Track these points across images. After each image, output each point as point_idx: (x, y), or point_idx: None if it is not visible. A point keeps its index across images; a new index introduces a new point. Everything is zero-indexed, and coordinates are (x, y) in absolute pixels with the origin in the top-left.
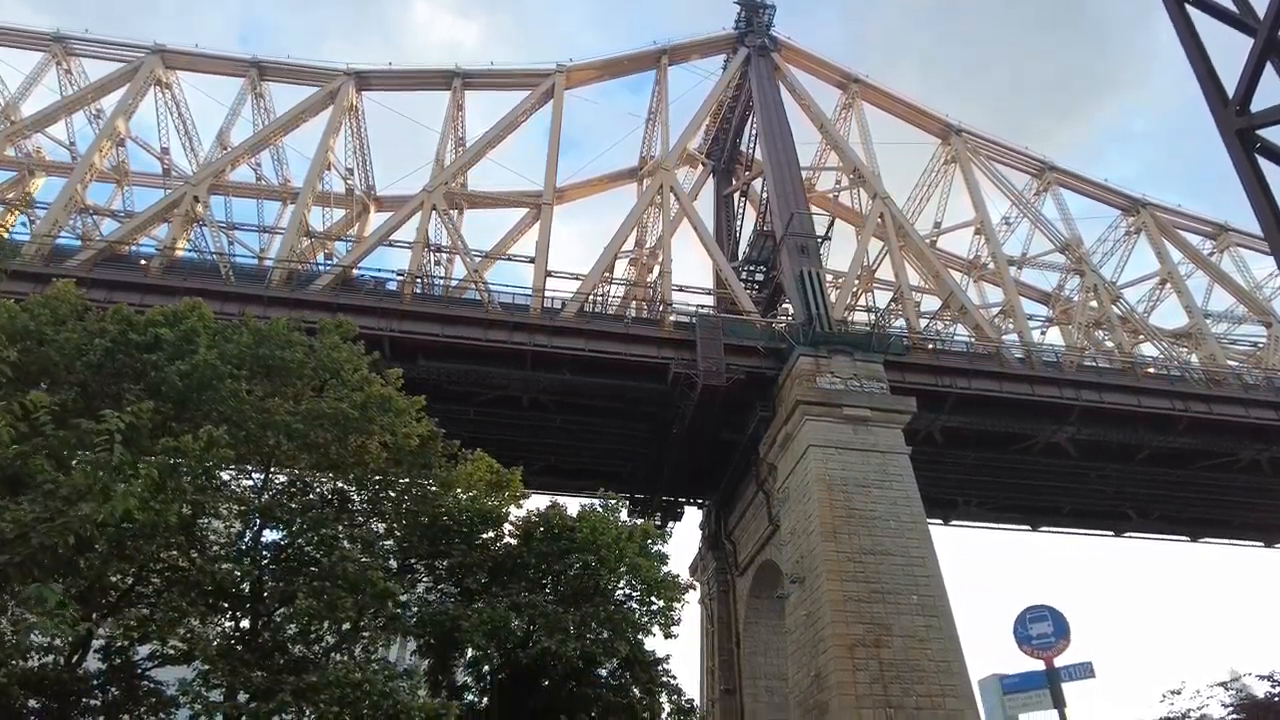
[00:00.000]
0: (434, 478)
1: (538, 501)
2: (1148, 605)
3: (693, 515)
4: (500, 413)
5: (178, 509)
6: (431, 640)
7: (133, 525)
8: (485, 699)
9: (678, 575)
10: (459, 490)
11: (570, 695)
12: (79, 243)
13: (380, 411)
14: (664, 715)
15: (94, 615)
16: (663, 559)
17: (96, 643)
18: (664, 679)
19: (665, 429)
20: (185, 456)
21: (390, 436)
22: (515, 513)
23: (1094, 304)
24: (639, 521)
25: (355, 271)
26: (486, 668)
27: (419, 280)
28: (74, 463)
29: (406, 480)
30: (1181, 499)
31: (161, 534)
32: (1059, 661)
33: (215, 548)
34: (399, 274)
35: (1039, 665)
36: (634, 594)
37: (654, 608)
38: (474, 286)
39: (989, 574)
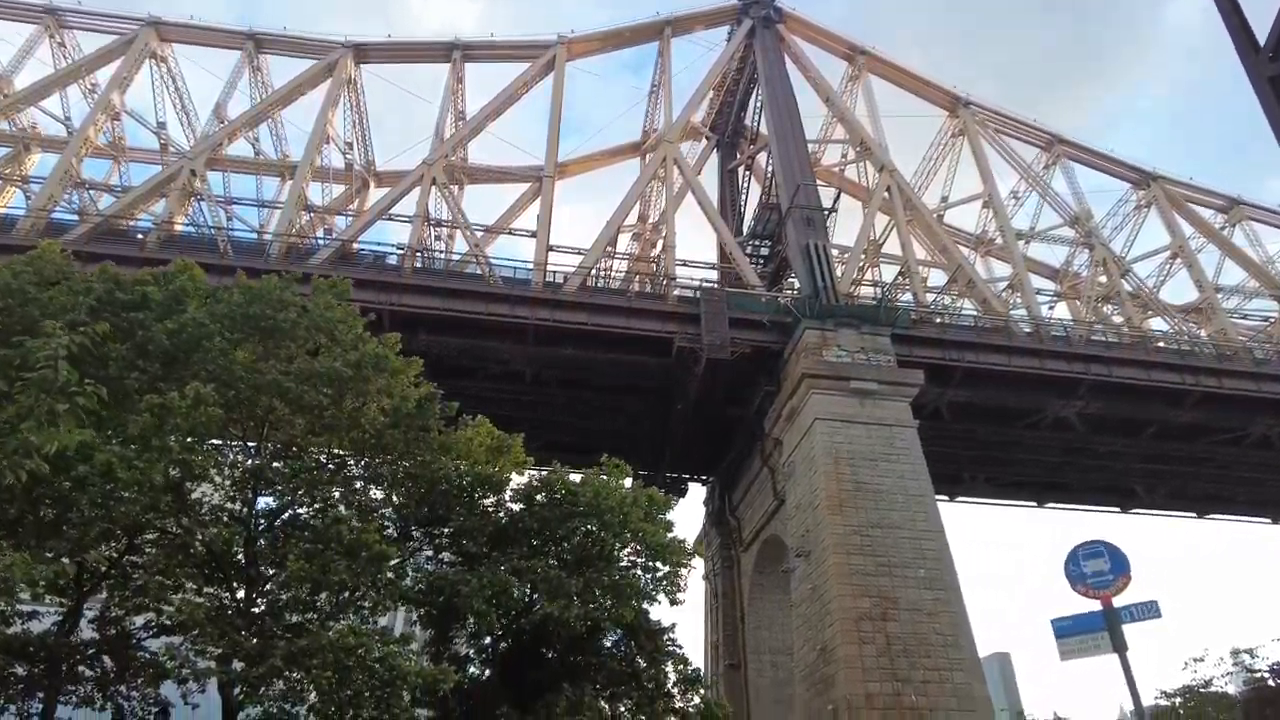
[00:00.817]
0: (432, 442)
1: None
2: (1152, 581)
3: (696, 493)
4: (502, 388)
5: (164, 468)
6: (432, 610)
7: (115, 484)
8: (487, 671)
9: (684, 540)
10: (458, 455)
11: (574, 665)
12: (76, 218)
13: (376, 372)
14: (669, 684)
15: (84, 585)
16: (668, 526)
17: (90, 613)
18: (669, 648)
19: (669, 405)
20: (171, 414)
21: (387, 399)
22: (516, 480)
23: (1103, 279)
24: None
25: (355, 246)
26: (488, 639)
27: (420, 255)
28: (15, 384)
29: (403, 443)
30: (1189, 475)
31: (147, 494)
32: (1118, 601)
33: (206, 513)
34: (399, 248)
35: (1094, 605)
36: (639, 560)
37: (659, 574)
38: (475, 261)
39: (992, 554)
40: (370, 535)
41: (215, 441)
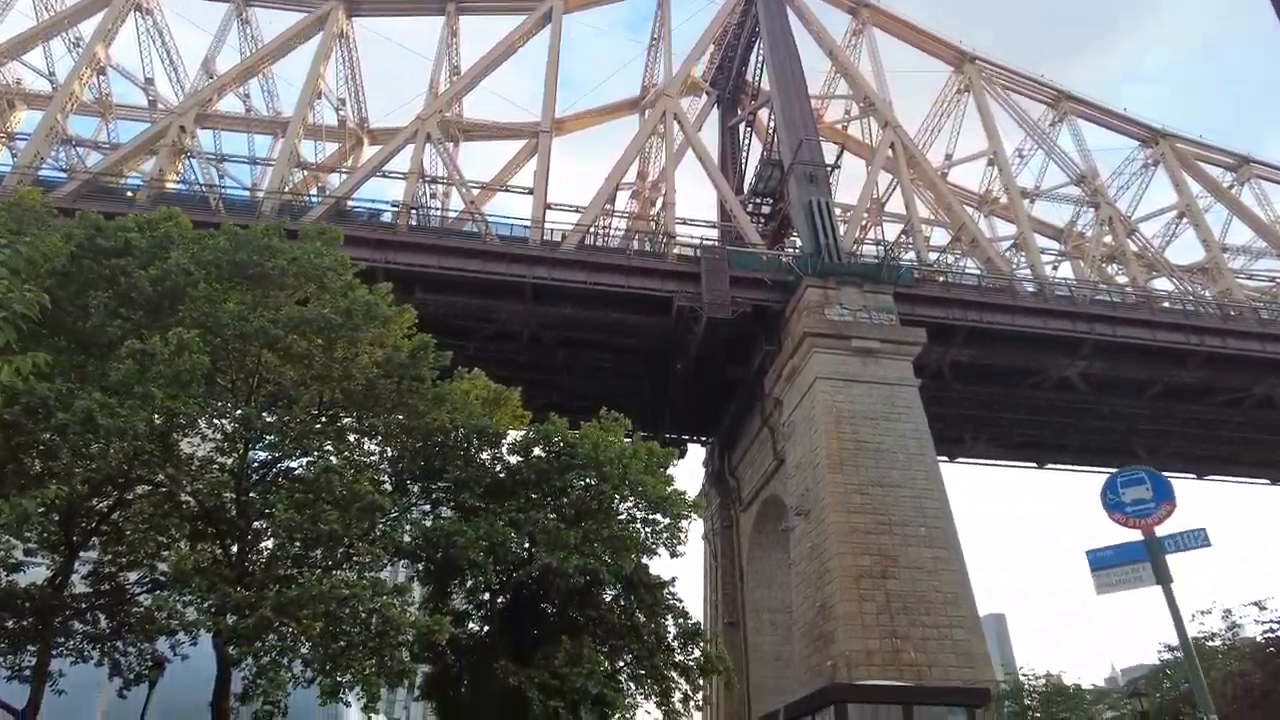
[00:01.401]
0: (426, 393)
1: None
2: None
3: (696, 454)
4: (500, 348)
5: (147, 416)
6: (430, 565)
7: (95, 433)
8: (485, 627)
9: (684, 492)
10: (453, 407)
11: (572, 620)
12: (64, 175)
13: (367, 320)
14: (670, 638)
15: (75, 538)
16: (668, 480)
17: (85, 568)
18: (670, 602)
19: (669, 365)
20: (154, 361)
21: (379, 350)
22: (513, 434)
23: (1108, 238)
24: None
25: (349, 203)
26: (486, 594)
27: (414, 212)
28: None
29: (396, 394)
30: (1191, 436)
31: (130, 442)
32: (1161, 530)
33: (196, 466)
34: (393, 205)
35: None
36: (639, 514)
37: (659, 527)
38: (471, 219)
39: (992, 514)
40: (363, 486)
41: (202, 391)
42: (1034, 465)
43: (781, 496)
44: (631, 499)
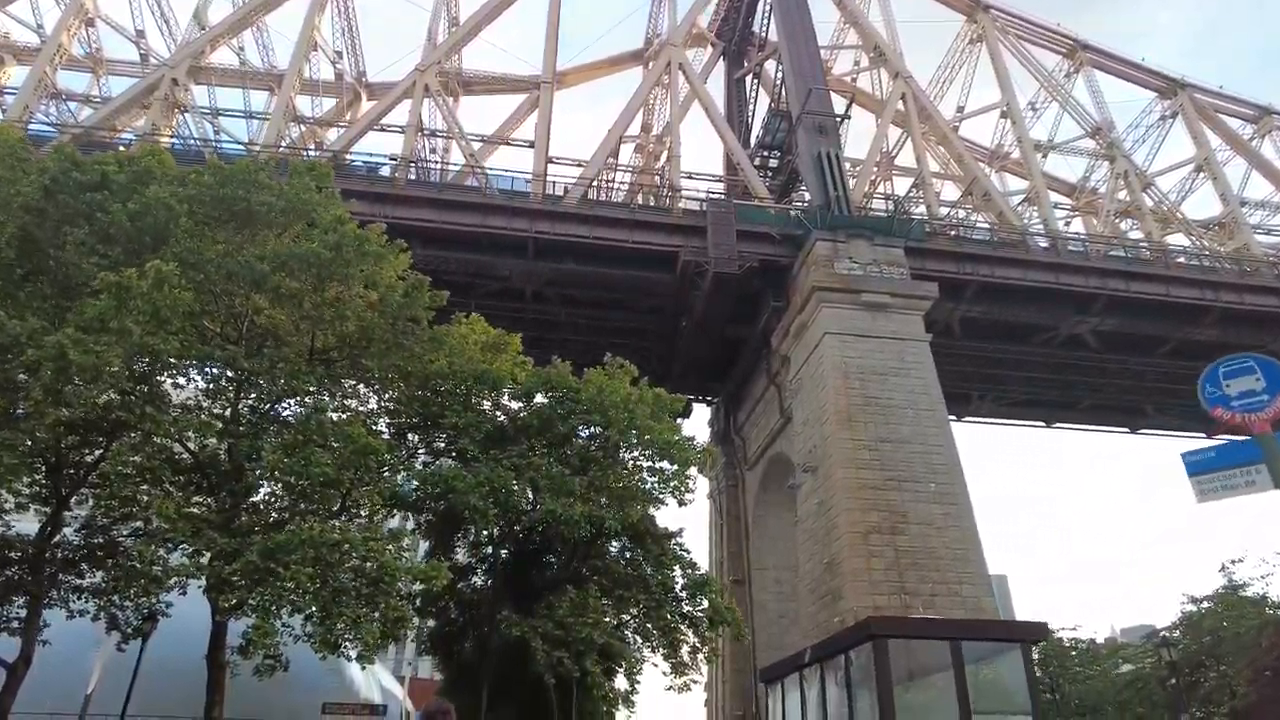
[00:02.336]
0: (423, 334)
1: None
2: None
3: (701, 414)
4: (502, 306)
5: (124, 354)
6: (431, 517)
7: (67, 370)
8: (489, 580)
9: (692, 438)
10: (452, 352)
11: (578, 571)
12: (54, 130)
13: (358, 256)
14: (678, 588)
15: (63, 489)
16: (675, 427)
17: (78, 521)
18: (677, 553)
19: (674, 322)
20: (130, 295)
21: (373, 291)
22: (515, 381)
23: (1123, 194)
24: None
25: (347, 158)
26: (489, 548)
27: (413, 166)
28: None
29: (391, 334)
30: None
31: (107, 378)
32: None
33: (179, 409)
34: (392, 159)
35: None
36: (645, 462)
37: (666, 475)
38: (472, 173)
39: (990, 478)
40: (356, 429)
41: (183, 328)
42: (1042, 424)
43: (788, 454)
44: (638, 447)
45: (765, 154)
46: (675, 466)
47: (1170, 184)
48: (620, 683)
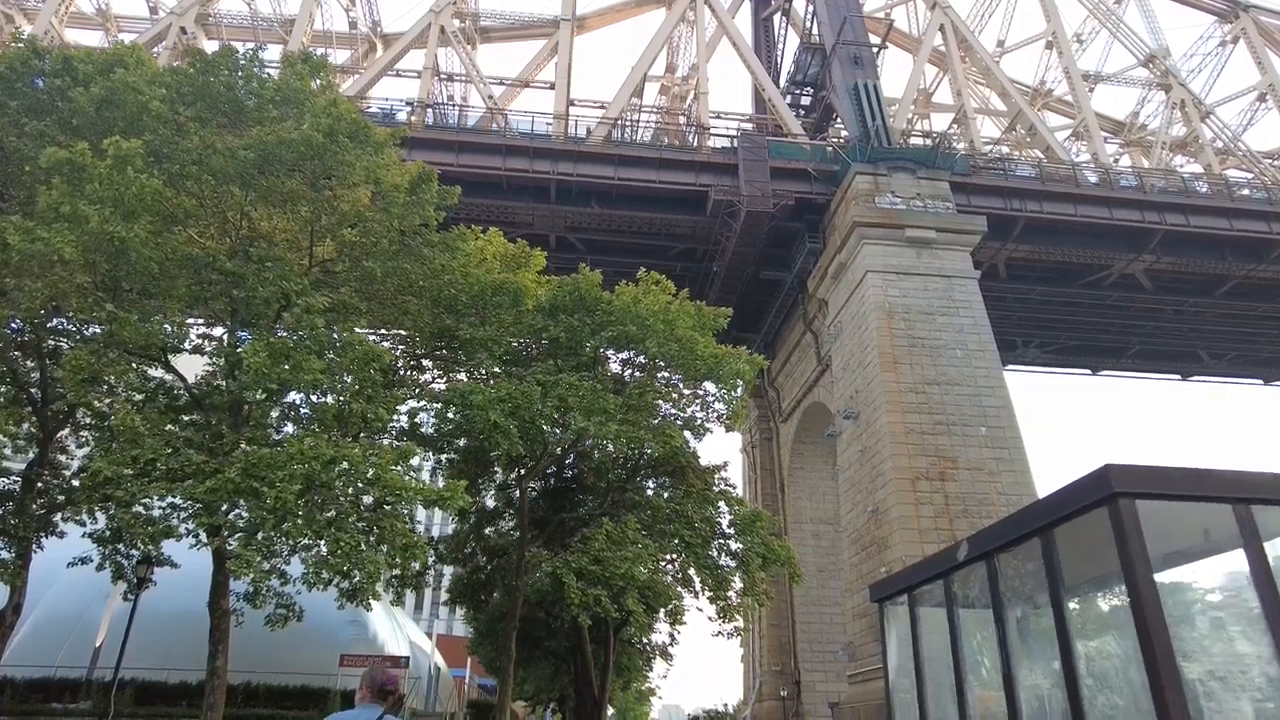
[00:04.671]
0: (433, 238)
1: None
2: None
3: None
4: None
5: (79, 241)
6: (454, 456)
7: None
8: (516, 524)
9: (742, 348)
10: (467, 258)
11: (614, 506)
12: None
13: (357, 145)
14: (725, 525)
15: (50, 425)
16: (715, 346)
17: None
18: (723, 488)
19: (704, 269)
20: (87, 178)
21: (375, 186)
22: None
23: (1178, 128)
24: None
25: (362, 104)
26: (514, 478)
27: (431, 111)
28: None
29: (398, 235)
30: (1262, 338)
31: (60, 266)
32: None
33: (143, 307)
34: (408, 103)
35: None
36: (685, 387)
37: (710, 399)
38: (491, 116)
39: (1041, 422)
40: (357, 335)
41: (153, 224)
42: (1087, 372)
43: (826, 403)
44: (678, 363)
45: (796, 92)
46: (722, 388)
47: (1231, 114)
48: (658, 635)
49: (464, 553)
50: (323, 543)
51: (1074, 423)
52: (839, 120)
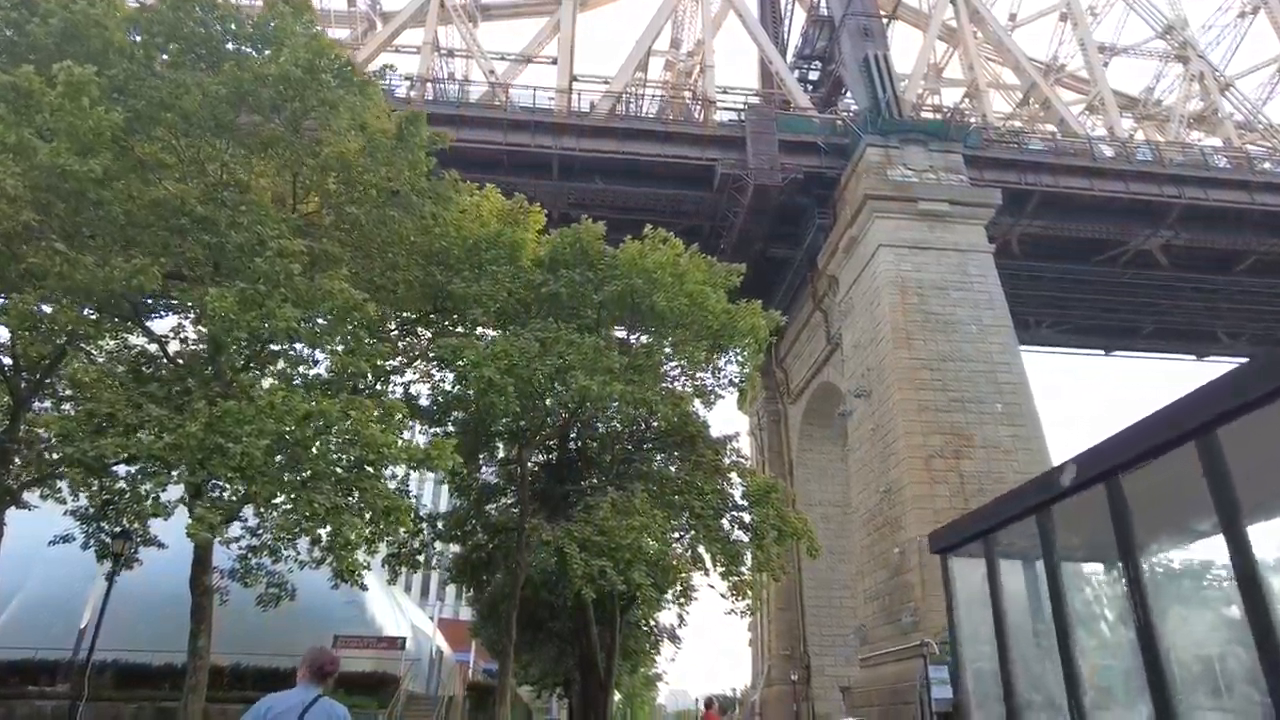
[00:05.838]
0: (422, 184)
1: None
2: None
3: None
4: None
5: (22, 172)
6: (452, 428)
7: None
8: (517, 499)
9: (759, 302)
10: (461, 211)
11: (620, 476)
12: None
13: (342, 83)
14: (738, 497)
15: (22, 385)
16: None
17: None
18: (734, 459)
19: (711, 245)
20: (35, 105)
21: (360, 131)
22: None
23: (1194, 103)
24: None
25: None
26: (516, 450)
27: (430, 86)
28: None
29: (384, 182)
30: None
31: (4, 203)
32: None
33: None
34: (407, 78)
35: None
36: (696, 351)
37: (722, 362)
38: (491, 89)
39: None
40: (336, 283)
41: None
42: (1100, 352)
43: (836, 383)
44: (690, 323)
45: (804, 66)
46: (736, 348)
47: (1251, 87)
48: (666, 616)
49: (464, 530)
50: (295, 502)
51: (1083, 407)
52: (848, 94)
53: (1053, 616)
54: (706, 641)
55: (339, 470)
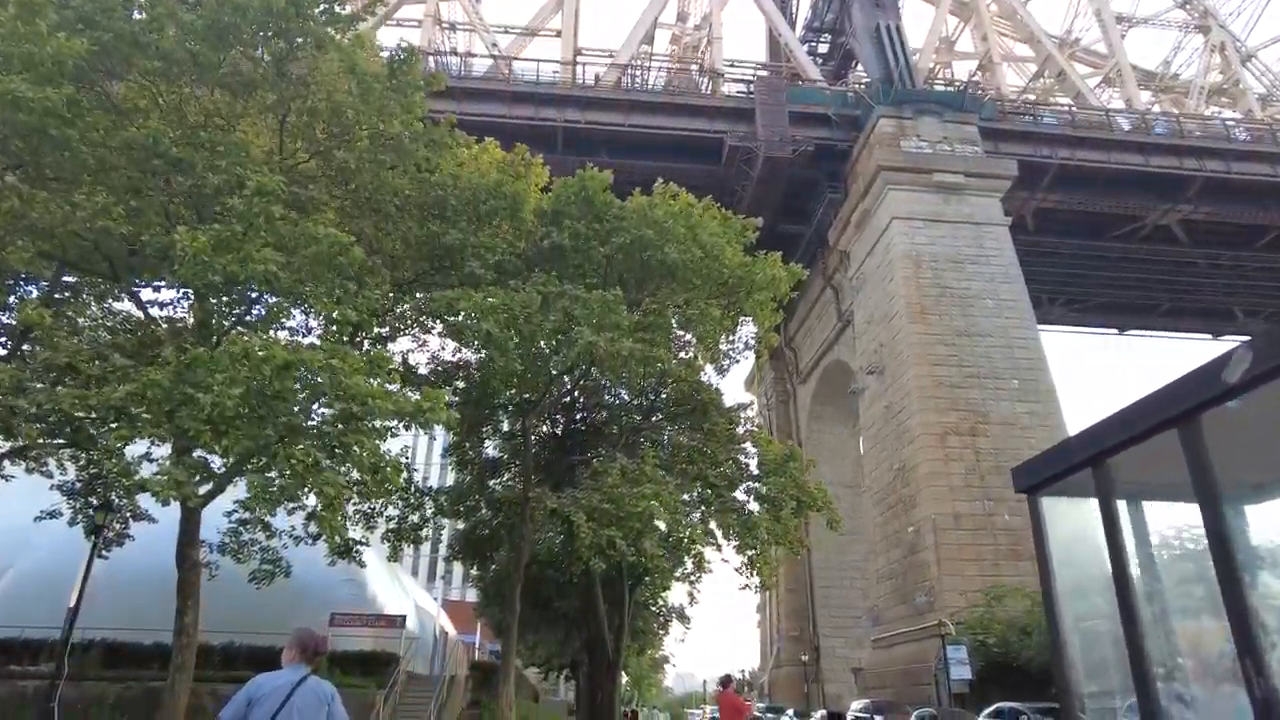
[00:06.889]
0: (417, 128)
1: None
2: None
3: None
4: None
5: None
6: (454, 398)
7: None
8: (520, 478)
9: (779, 254)
10: (458, 162)
11: (629, 443)
12: None
13: (330, 20)
14: (752, 467)
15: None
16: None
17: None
18: (749, 428)
19: None
20: None
21: (350, 74)
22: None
23: (1214, 75)
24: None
25: None
26: (520, 423)
27: (431, 59)
28: None
29: (372, 120)
30: None
31: None
32: None
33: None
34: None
35: None
36: (711, 308)
37: (738, 320)
38: (494, 62)
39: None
40: (320, 226)
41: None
42: (1114, 331)
43: (847, 361)
44: (703, 276)
45: (813, 40)
46: (752, 300)
47: (1273, 59)
48: (675, 596)
49: (466, 505)
50: (273, 459)
51: (1095, 388)
52: (858, 67)
53: (1216, 563)
54: (712, 626)
55: (322, 426)
